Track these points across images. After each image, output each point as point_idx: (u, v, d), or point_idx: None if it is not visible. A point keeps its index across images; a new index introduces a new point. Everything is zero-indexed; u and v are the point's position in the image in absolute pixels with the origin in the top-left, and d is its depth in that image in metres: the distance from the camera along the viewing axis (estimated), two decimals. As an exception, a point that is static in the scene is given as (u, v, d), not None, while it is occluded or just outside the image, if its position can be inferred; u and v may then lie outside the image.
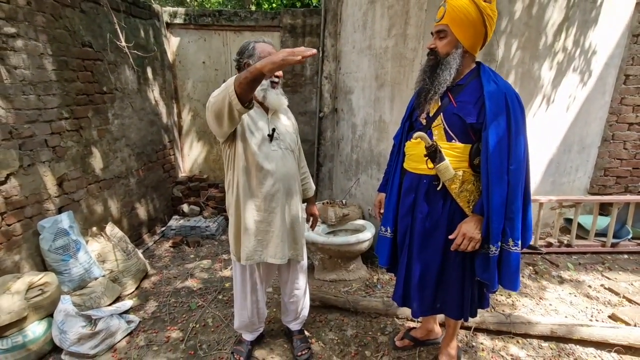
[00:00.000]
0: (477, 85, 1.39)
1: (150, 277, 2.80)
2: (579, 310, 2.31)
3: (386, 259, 1.70)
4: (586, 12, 2.76)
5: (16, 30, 2.11)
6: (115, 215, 3.02)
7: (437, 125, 1.44)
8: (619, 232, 3.02)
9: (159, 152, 3.72)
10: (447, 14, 1.32)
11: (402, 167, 1.62)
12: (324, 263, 2.75)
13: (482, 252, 1.42)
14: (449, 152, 1.41)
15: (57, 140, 2.41)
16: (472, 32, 1.34)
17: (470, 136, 1.40)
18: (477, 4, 1.30)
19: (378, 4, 2.84)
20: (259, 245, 1.59)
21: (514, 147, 1.33)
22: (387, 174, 1.79)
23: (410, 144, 1.55)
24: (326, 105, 3.82)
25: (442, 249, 1.49)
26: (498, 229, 1.35)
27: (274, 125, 1.59)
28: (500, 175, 1.33)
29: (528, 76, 2.76)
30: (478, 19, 1.31)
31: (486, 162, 1.34)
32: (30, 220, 2.22)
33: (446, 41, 1.35)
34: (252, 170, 1.53)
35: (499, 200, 1.34)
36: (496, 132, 1.32)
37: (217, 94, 1.30)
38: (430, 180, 1.47)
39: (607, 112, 3.26)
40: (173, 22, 3.79)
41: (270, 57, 1.14)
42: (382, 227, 1.71)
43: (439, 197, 1.47)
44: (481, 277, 1.46)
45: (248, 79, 1.18)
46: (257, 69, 1.15)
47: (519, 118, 1.34)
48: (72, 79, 2.53)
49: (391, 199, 1.66)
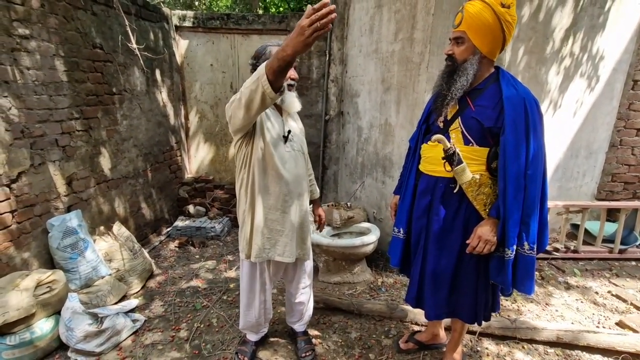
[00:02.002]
0: (496, 89, 1.39)
1: (156, 277, 2.82)
2: (585, 316, 2.29)
3: (398, 260, 1.71)
4: (594, 17, 2.75)
5: (29, 31, 2.15)
6: (122, 215, 3.05)
7: (454, 129, 1.45)
8: (626, 239, 2.99)
9: (166, 153, 3.75)
10: (464, 21, 1.33)
11: (418, 169, 1.63)
12: (329, 265, 2.75)
13: (496, 254, 1.43)
14: (466, 156, 1.42)
15: (67, 139, 2.45)
16: (490, 38, 1.34)
17: (488, 140, 1.41)
18: (494, 10, 1.30)
19: (385, 9, 2.86)
20: (267, 243, 1.61)
21: (533, 152, 1.33)
22: (402, 176, 1.80)
23: (427, 146, 1.56)
24: (332, 108, 3.84)
25: (458, 251, 1.49)
26: (514, 232, 1.36)
27: (287, 127, 1.62)
28: (517, 179, 1.33)
29: (535, 81, 2.75)
30: (496, 25, 1.32)
31: (503, 166, 1.34)
32: (39, 218, 2.25)
33: (464, 47, 1.36)
34: (268, 169, 1.55)
35: (515, 205, 1.34)
36: (514, 136, 1.32)
37: (249, 85, 1.27)
38: (447, 182, 1.48)
39: (614, 117, 3.24)
40: (182, 25, 3.84)
41: (297, 37, 1.05)
42: (395, 228, 1.71)
43: (456, 199, 1.47)
44: (495, 279, 1.47)
45: (281, 66, 1.15)
46: (288, 54, 1.10)
47: (537, 124, 1.35)
48: (82, 80, 2.57)
49: (405, 200, 1.67)
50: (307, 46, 1.06)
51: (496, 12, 1.30)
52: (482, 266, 1.50)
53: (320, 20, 0.99)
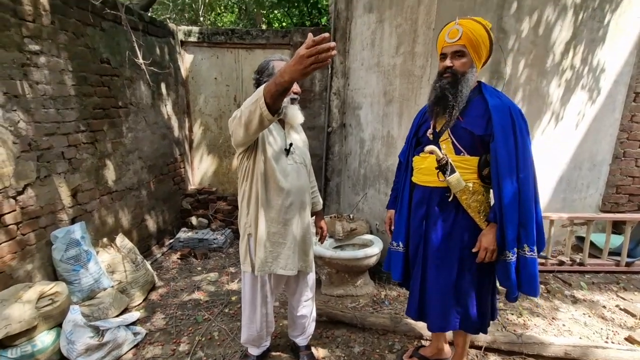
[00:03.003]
0: (481, 100, 1.48)
1: (158, 289, 2.81)
2: (593, 331, 2.24)
3: (400, 274, 1.71)
4: (593, 30, 2.79)
5: (40, 47, 2.21)
6: (126, 227, 3.06)
7: (444, 140, 1.51)
8: (633, 251, 2.95)
9: (170, 164, 3.79)
10: (464, 36, 1.40)
11: (411, 182, 1.67)
12: (331, 278, 2.73)
13: (501, 259, 1.48)
14: (458, 165, 1.48)
15: (73, 152, 2.48)
16: (483, 54, 1.45)
17: (478, 149, 1.47)
18: (486, 29, 1.43)
19: (386, 23, 2.91)
20: (270, 256, 1.60)
21: (522, 156, 1.41)
22: (395, 190, 1.84)
23: (419, 158, 1.61)
24: (334, 121, 3.87)
25: (457, 260, 1.52)
26: (513, 235, 1.42)
27: (289, 140, 1.64)
28: (510, 183, 1.40)
29: (536, 93, 2.77)
30: (487, 42, 1.43)
31: (496, 172, 1.41)
32: (44, 230, 2.27)
33: (465, 60, 1.43)
34: (269, 182, 1.56)
35: (511, 208, 1.40)
36: (504, 142, 1.40)
37: (248, 105, 1.31)
38: (441, 192, 1.53)
39: (617, 129, 3.24)
40: (187, 40, 3.92)
41: (295, 65, 1.06)
42: (394, 242, 1.73)
43: (451, 208, 1.52)
44: (504, 284, 1.50)
45: (279, 91, 1.18)
46: (285, 80, 1.12)
47: (524, 129, 1.43)
48: (90, 94, 2.62)
49: (402, 213, 1.69)
50: (304, 75, 1.08)
51: (487, 31, 1.43)
52: (483, 274, 1.53)
53: (319, 54, 1.01)
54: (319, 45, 1.00)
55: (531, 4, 2.53)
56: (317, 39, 1.01)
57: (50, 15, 2.27)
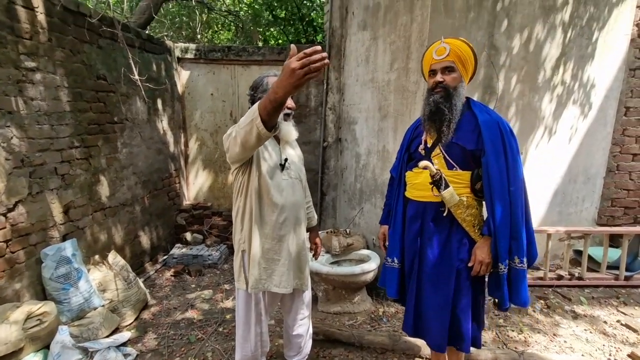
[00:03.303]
0: (470, 115, 1.51)
1: (150, 308, 2.73)
2: (595, 348, 2.20)
3: (395, 290, 1.69)
4: (582, 47, 2.85)
5: (36, 64, 2.22)
6: (119, 243, 3.01)
7: (436, 155, 1.53)
8: (631, 265, 2.94)
9: (165, 180, 3.76)
10: (452, 52, 1.45)
11: (404, 197, 1.67)
12: (328, 294, 2.68)
13: (493, 271, 1.49)
14: (451, 180, 1.49)
15: (66, 168, 2.46)
16: (470, 69, 1.52)
17: (470, 163, 1.50)
18: (470, 47, 1.50)
19: (380, 40, 2.96)
20: (264, 274, 1.57)
21: (512, 170, 1.44)
22: (388, 206, 1.84)
23: (412, 173, 1.62)
24: (330, 135, 3.89)
25: (454, 275, 1.51)
26: (505, 247, 1.44)
27: (285, 155, 1.63)
28: (502, 196, 1.43)
29: (529, 108, 2.81)
30: (472, 59, 1.51)
31: (488, 185, 1.44)
32: (34, 248, 2.22)
33: (455, 75, 1.48)
34: (263, 198, 1.54)
35: (503, 221, 1.43)
36: (495, 156, 1.43)
37: (244, 124, 1.30)
38: (435, 207, 1.53)
39: (609, 143, 3.28)
40: (184, 56, 3.97)
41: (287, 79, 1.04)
42: (388, 258, 1.72)
43: (446, 222, 1.53)
44: (493, 295, 1.52)
45: (274, 107, 1.18)
46: (280, 96, 1.12)
47: (513, 143, 1.46)
48: (85, 110, 2.62)
49: (396, 229, 1.69)
50: (297, 88, 1.07)
51: (471, 48, 1.50)
52: (476, 288, 1.54)
53: (312, 63, 1.00)
54: (311, 56, 0.99)
55: (521, 22, 2.60)
56: (308, 51, 1.00)
57: (48, 33, 2.29)
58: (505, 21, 2.57)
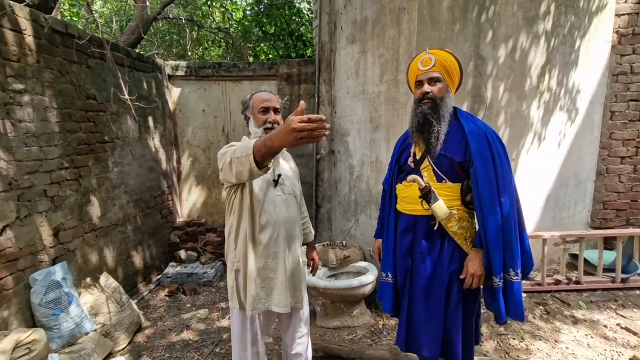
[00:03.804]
0: (457, 126, 1.49)
1: (144, 330, 2.66)
2: (597, 353, 2.19)
3: (391, 305, 1.67)
4: (566, 55, 2.93)
5: (24, 86, 2.19)
6: (111, 264, 2.94)
7: (425, 167, 1.51)
8: (627, 267, 2.95)
9: (157, 197, 3.71)
10: (437, 63, 1.45)
11: (396, 210, 1.65)
12: (326, 309, 2.64)
13: (487, 284, 1.46)
14: (441, 192, 1.46)
15: (55, 189, 2.41)
16: (456, 79, 1.52)
17: (459, 175, 1.47)
18: (455, 57, 1.51)
19: (369, 53, 3.01)
20: (262, 292, 1.54)
21: (502, 180, 1.41)
22: (382, 219, 1.82)
23: (402, 186, 1.59)
24: (323, 148, 3.90)
25: (445, 289, 1.49)
26: (498, 260, 1.40)
27: (278, 170, 1.62)
28: (492, 207, 1.40)
29: (517, 116, 2.85)
30: (457, 70, 1.51)
31: (478, 196, 1.41)
32: (22, 273, 2.15)
33: (441, 86, 1.47)
34: (257, 215, 1.52)
35: (495, 232, 1.39)
36: (483, 167, 1.40)
37: (239, 155, 1.29)
38: (426, 220, 1.51)
39: (597, 146, 3.33)
40: (175, 74, 3.98)
41: (285, 135, 1.05)
42: (383, 273, 1.69)
43: (437, 236, 1.50)
44: (489, 308, 1.49)
45: (268, 154, 1.19)
46: (275, 147, 1.14)
47: (501, 152, 1.44)
48: (74, 130, 2.59)
49: (389, 243, 1.67)
50: (293, 145, 1.08)
51: (456, 59, 1.50)
52: (469, 302, 1.51)
53: (312, 130, 1.00)
54: (313, 122, 0.99)
55: (505, 33, 2.66)
56: (313, 117, 1.00)
57: (36, 55, 2.28)
58: (490, 32, 2.63)
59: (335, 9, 3.57)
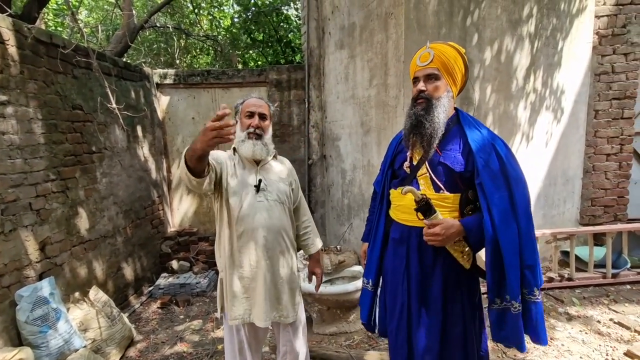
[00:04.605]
0: (459, 131, 1.33)
1: (136, 344, 2.59)
2: (592, 349, 2.20)
3: (366, 315, 1.55)
4: (549, 56, 2.99)
5: (7, 97, 2.14)
6: (100, 278, 2.87)
7: (422, 175, 1.34)
8: (617, 262, 3.00)
9: (148, 208, 3.65)
10: (436, 58, 1.29)
11: (388, 216, 1.50)
12: (323, 315, 2.61)
13: (495, 308, 1.28)
14: (438, 203, 1.29)
15: (41, 202, 2.35)
16: (459, 78, 1.34)
17: (458, 186, 1.31)
18: (459, 53, 1.33)
19: (358, 58, 3.03)
20: (245, 303, 1.52)
21: (514, 188, 1.24)
22: (370, 222, 1.68)
23: (397, 193, 1.42)
24: (314, 153, 3.90)
25: (441, 306, 1.33)
26: (516, 279, 1.21)
27: (262, 176, 1.59)
28: (506, 220, 1.21)
29: (505, 116, 2.90)
30: (461, 67, 1.34)
31: (487, 208, 1.23)
32: (7, 290, 2.08)
33: (438, 84, 1.31)
34: (232, 222, 1.51)
35: (511, 248, 1.21)
36: (491, 178, 1.24)
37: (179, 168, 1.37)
38: (421, 232, 1.32)
39: (583, 145, 3.40)
40: (163, 82, 3.94)
41: (202, 136, 1.18)
42: (364, 279, 1.57)
43: (432, 249, 1.34)
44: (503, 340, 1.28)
45: (194, 157, 1.26)
46: (198, 149, 1.22)
47: (510, 159, 1.28)
48: (60, 141, 2.53)
49: (374, 249, 1.53)
50: (210, 146, 1.19)
51: (461, 55, 1.33)
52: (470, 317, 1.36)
53: (221, 129, 1.13)
54: (220, 120, 1.13)
55: (490, 35, 2.71)
56: (219, 113, 1.13)
57: (19, 65, 2.23)
58: (476, 35, 2.68)
59: (323, 15, 3.60)
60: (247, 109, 1.56)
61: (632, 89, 3.29)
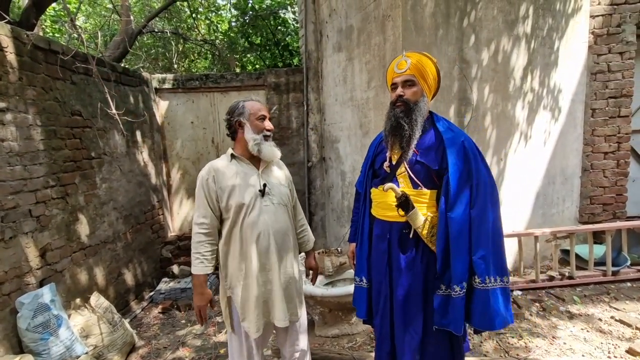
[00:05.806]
0: (434, 132, 1.46)
1: (138, 350, 2.58)
2: (594, 347, 2.21)
3: (364, 311, 1.62)
4: (546, 56, 3.01)
5: (6, 104, 2.14)
6: (101, 284, 2.86)
7: (401, 173, 1.46)
8: (617, 260, 3.01)
9: (147, 212, 3.65)
10: (412, 66, 1.42)
11: (370, 214, 1.60)
12: (325, 317, 2.61)
13: (442, 294, 1.38)
14: (417, 199, 1.41)
15: (41, 209, 2.35)
16: (433, 84, 1.47)
17: (435, 182, 1.43)
18: (432, 62, 1.47)
19: (356, 61, 3.04)
20: (265, 308, 1.53)
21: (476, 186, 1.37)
22: (355, 223, 1.77)
23: (377, 191, 1.53)
24: (314, 155, 3.90)
25: (423, 298, 1.43)
26: (462, 267, 1.34)
27: (265, 179, 1.59)
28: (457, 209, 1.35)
29: (503, 116, 2.91)
30: (434, 74, 1.47)
31: (445, 200, 1.37)
32: (8, 298, 2.07)
33: (415, 89, 1.43)
34: (242, 232, 1.52)
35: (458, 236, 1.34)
36: (457, 175, 1.37)
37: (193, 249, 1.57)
38: (401, 227, 1.46)
39: (581, 143, 3.42)
40: (162, 87, 3.95)
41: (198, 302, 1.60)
42: (357, 277, 1.65)
43: (412, 243, 1.45)
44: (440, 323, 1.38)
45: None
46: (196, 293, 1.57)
47: (477, 157, 1.41)
48: (59, 147, 2.53)
49: (363, 247, 1.62)
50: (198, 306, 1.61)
51: (434, 63, 1.47)
52: None
53: None
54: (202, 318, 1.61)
55: (487, 36, 2.73)
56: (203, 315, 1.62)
57: (18, 72, 2.23)
58: (473, 36, 2.70)
59: (321, 18, 3.62)
60: (260, 112, 1.58)
61: (628, 87, 3.31)
